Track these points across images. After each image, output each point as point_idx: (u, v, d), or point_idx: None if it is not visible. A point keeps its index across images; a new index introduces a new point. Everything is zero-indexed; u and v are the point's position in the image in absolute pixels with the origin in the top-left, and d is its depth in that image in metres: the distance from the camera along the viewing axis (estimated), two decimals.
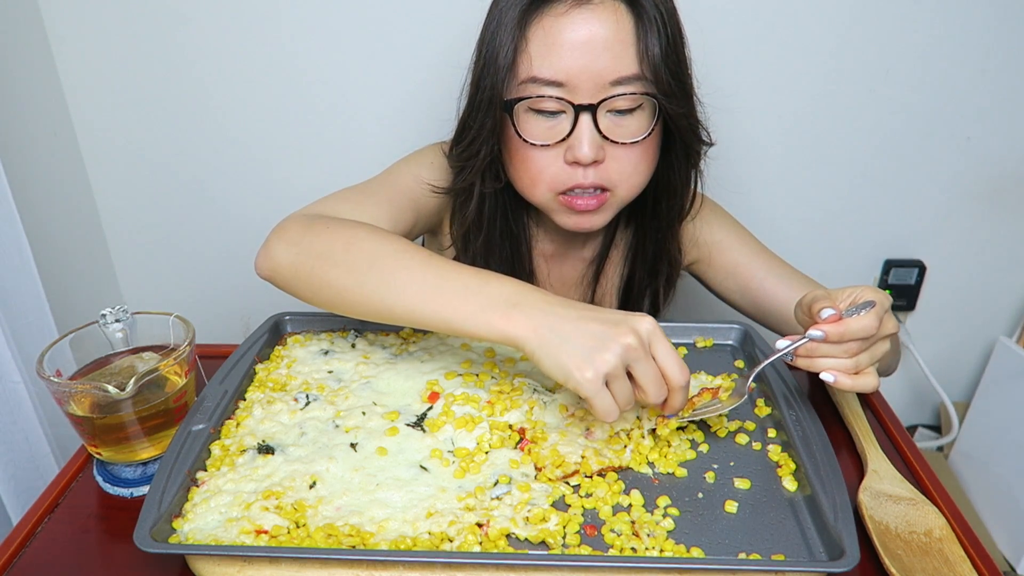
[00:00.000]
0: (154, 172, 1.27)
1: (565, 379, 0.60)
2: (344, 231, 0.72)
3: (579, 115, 0.76)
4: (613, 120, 0.77)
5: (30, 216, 1.03)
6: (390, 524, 0.59)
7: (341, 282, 0.70)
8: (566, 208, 0.82)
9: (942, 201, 1.27)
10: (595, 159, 0.77)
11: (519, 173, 0.82)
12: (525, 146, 0.79)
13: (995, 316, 1.37)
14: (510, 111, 0.78)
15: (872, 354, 0.66)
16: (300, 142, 1.24)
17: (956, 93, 1.18)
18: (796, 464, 0.66)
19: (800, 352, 0.66)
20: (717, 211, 0.98)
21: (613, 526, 0.60)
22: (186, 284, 1.36)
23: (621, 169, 0.79)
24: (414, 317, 0.67)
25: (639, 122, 0.78)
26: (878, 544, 0.60)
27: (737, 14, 1.12)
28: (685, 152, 0.84)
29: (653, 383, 0.61)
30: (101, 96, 1.20)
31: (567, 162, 0.78)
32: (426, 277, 0.66)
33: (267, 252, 0.75)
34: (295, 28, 1.15)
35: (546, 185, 0.80)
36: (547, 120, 0.78)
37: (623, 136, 0.77)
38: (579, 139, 0.76)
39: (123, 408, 0.66)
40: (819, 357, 0.65)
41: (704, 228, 0.95)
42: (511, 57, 0.76)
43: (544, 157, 0.79)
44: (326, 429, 0.70)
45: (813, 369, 0.66)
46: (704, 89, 0.83)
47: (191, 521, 0.60)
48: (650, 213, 0.90)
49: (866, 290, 0.66)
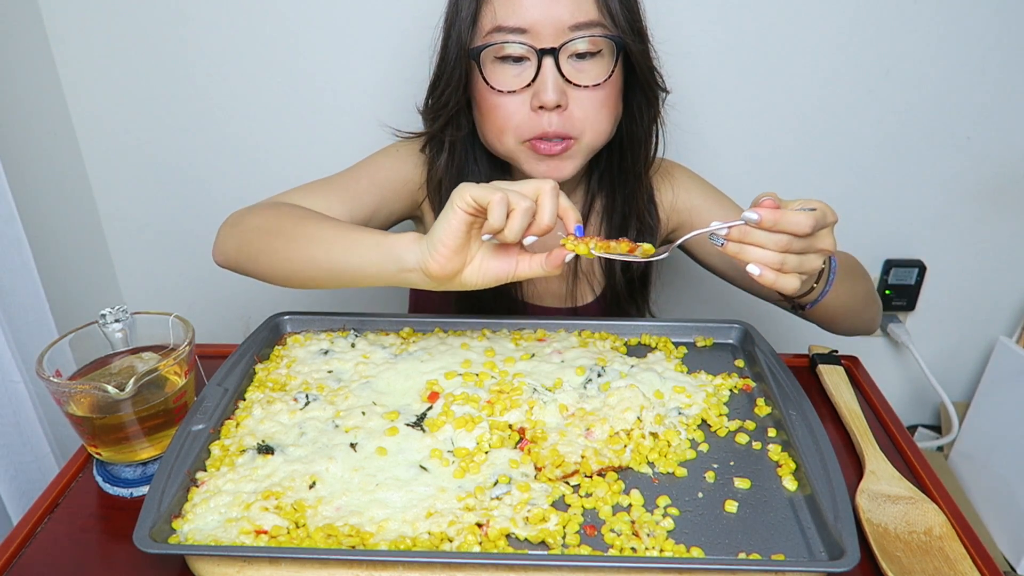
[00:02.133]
0: (154, 172, 1.27)
1: (443, 222, 0.65)
2: (275, 208, 0.83)
3: (542, 59, 0.79)
4: (575, 65, 0.81)
5: (30, 216, 1.03)
6: (390, 524, 0.59)
7: (274, 246, 0.78)
8: (532, 154, 0.84)
9: (942, 201, 1.27)
10: (559, 103, 0.80)
11: (487, 123, 0.85)
12: (492, 94, 0.82)
13: (995, 316, 1.37)
14: (477, 60, 0.82)
15: (801, 261, 0.66)
16: (300, 142, 1.24)
17: (956, 93, 1.18)
18: (796, 464, 0.66)
19: (732, 236, 0.66)
20: (695, 178, 1.00)
21: (613, 526, 0.60)
22: (186, 284, 1.36)
23: (585, 115, 0.82)
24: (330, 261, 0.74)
25: (600, 67, 0.82)
26: (876, 547, 0.60)
27: (738, 15, 1.12)
28: (646, 99, 0.88)
29: (517, 196, 0.63)
30: (101, 96, 1.20)
31: (533, 108, 0.81)
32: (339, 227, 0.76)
33: (216, 241, 0.84)
34: (295, 27, 1.15)
35: (512, 132, 0.83)
36: (512, 67, 0.81)
37: (586, 80, 0.81)
38: (543, 83, 0.80)
39: (123, 408, 0.66)
40: (749, 244, 0.65)
41: (682, 195, 0.97)
42: (475, 7, 0.81)
43: (510, 103, 0.82)
44: (326, 429, 0.70)
45: (741, 257, 0.66)
46: (702, 89, 0.84)
47: (191, 521, 0.60)
48: (616, 168, 0.93)
49: (817, 202, 0.67)
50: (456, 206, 0.64)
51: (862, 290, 0.90)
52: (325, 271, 0.74)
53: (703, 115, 1.17)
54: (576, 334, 0.86)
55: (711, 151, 1.20)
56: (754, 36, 1.14)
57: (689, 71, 1.15)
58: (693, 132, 1.16)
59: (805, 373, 0.87)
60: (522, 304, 1.00)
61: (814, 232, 0.65)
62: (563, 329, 0.87)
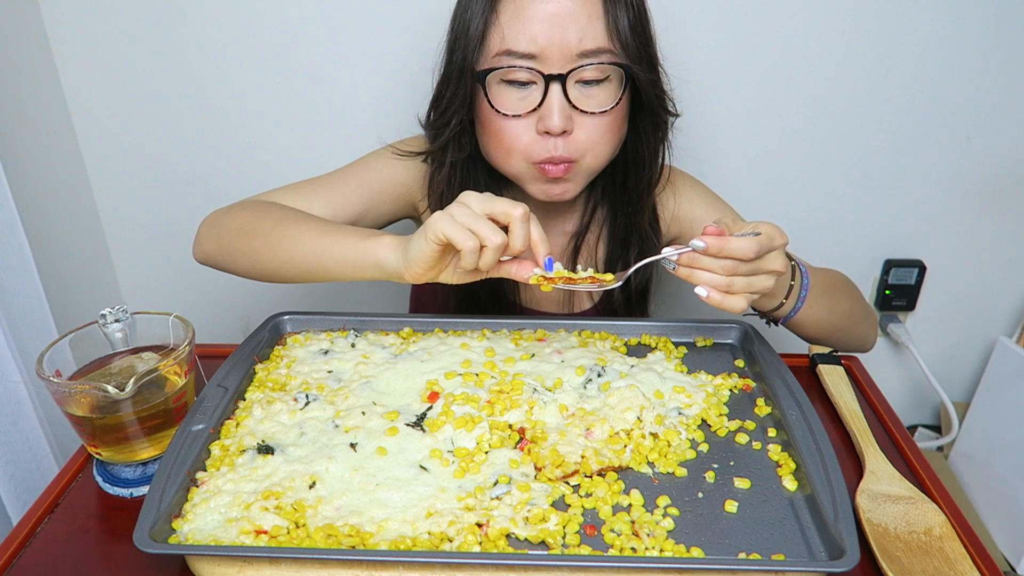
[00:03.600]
0: (154, 172, 1.27)
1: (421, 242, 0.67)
2: (254, 208, 0.84)
3: (549, 85, 0.78)
4: (582, 91, 0.80)
5: (30, 216, 1.03)
6: (390, 524, 0.59)
7: (253, 246, 0.80)
8: (539, 176, 0.84)
9: (942, 201, 1.27)
10: (565, 129, 0.80)
11: (492, 144, 0.85)
12: (497, 117, 0.81)
13: (995, 316, 1.37)
14: (482, 82, 0.81)
15: (750, 283, 0.68)
16: (301, 143, 1.24)
17: (956, 93, 1.18)
18: (796, 464, 0.66)
19: (682, 261, 0.69)
20: (697, 187, 0.99)
21: (613, 526, 0.60)
22: (186, 284, 1.36)
23: (589, 139, 0.82)
24: (307, 262, 0.77)
25: (607, 93, 0.81)
26: (876, 547, 0.60)
27: (738, 14, 1.12)
28: (653, 123, 0.87)
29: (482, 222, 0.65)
30: (101, 96, 1.20)
31: (538, 132, 0.81)
32: (318, 228, 0.78)
33: (196, 240, 0.88)
34: (296, 28, 1.15)
35: (521, 155, 0.83)
36: (518, 91, 0.81)
37: (592, 106, 0.80)
38: (549, 109, 0.79)
39: (123, 408, 0.66)
40: (698, 269, 0.68)
41: (684, 204, 0.96)
42: (482, 28, 0.79)
43: (516, 127, 0.81)
44: (326, 429, 0.70)
45: (691, 280, 0.68)
46: (702, 89, 0.83)
47: (191, 521, 0.60)
48: (620, 186, 0.93)
49: (766, 225, 0.69)
50: (428, 238, 0.66)
51: (845, 307, 0.89)
52: (304, 272, 0.78)
53: (703, 115, 1.17)
54: (576, 334, 0.86)
55: (712, 151, 1.20)
56: (754, 36, 1.14)
57: (690, 74, 1.15)
58: (693, 132, 1.16)
59: (805, 373, 0.87)
60: (520, 309, 1.00)
61: (760, 256, 0.67)
62: (563, 329, 0.87)
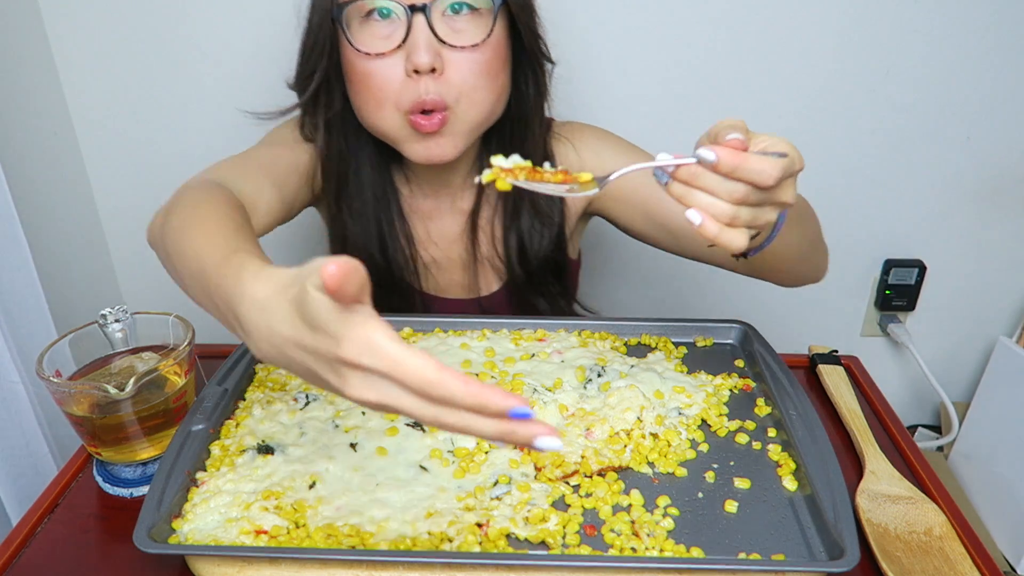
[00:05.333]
0: (154, 172, 1.27)
1: None
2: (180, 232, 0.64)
3: (412, 16, 0.73)
4: (450, 24, 0.75)
5: (30, 216, 1.03)
6: (390, 524, 0.59)
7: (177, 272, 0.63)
8: (413, 133, 0.78)
9: (942, 201, 1.27)
10: (433, 65, 0.73)
11: (361, 95, 0.78)
12: (361, 59, 0.75)
13: (995, 316, 1.37)
14: (341, 20, 0.75)
15: (755, 214, 0.55)
16: None
17: (956, 93, 1.18)
18: (796, 464, 0.66)
19: (679, 175, 0.53)
20: (605, 135, 0.91)
21: (613, 526, 0.60)
22: None
23: (463, 79, 0.76)
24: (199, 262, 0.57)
25: (477, 26, 0.75)
26: (876, 547, 0.60)
27: (737, 14, 1.12)
28: (533, 74, 0.83)
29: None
30: (101, 96, 1.20)
31: (407, 74, 0.75)
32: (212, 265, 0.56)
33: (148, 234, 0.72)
34: (296, 27, 1.15)
35: (392, 103, 0.76)
36: (381, 28, 0.75)
37: (462, 40, 0.75)
38: (415, 42, 0.73)
39: (123, 408, 0.66)
40: (697, 188, 0.53)
41: (590, 156, 0.88)
42: None
43: (382, 68, 0.75)
44: (326, 429, 0.70)
45: (686, 200, 0.54)
46: (702, 89, 0.83)
47: (191, 521, 0.60)
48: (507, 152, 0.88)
49: (783, 143, 0.56)
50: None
51: (811, 233, 0.79)
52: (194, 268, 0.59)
53: (703, 115, 1.17)
54: (576, 334, 0.86)
55: None
56: (754, 36, 1.14)
57: (688, 72, 1.15)
58: (693, 134, 1.15)
59: (805, 373, 0.87)
60: (423, 297, 0.95)
61: (778, 183, 0.53)
62: (563, 329, 0.87)
